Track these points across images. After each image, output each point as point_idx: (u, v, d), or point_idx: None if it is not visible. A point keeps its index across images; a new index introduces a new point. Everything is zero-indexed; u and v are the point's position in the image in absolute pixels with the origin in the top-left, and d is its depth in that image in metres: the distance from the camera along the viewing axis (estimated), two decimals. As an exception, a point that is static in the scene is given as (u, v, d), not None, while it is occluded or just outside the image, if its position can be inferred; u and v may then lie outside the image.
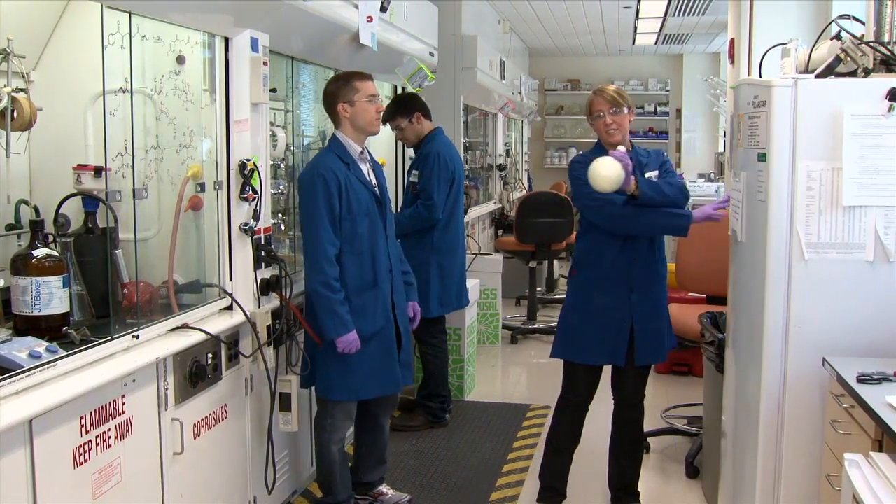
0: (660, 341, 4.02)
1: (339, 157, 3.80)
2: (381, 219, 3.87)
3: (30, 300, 2.84)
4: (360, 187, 3.80)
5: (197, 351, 3.21)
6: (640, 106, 14.11)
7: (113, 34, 2.98)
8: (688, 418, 5.28)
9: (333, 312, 3.67)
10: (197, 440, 3.25)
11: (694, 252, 5.28)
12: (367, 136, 3.91)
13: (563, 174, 13.85)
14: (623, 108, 3.91)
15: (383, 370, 3.87)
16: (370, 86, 3.83)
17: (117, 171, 3.19)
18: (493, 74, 8.56)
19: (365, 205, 3.79)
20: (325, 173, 3.71)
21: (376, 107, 3.84)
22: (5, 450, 2.28)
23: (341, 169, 3.75)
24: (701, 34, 11.73)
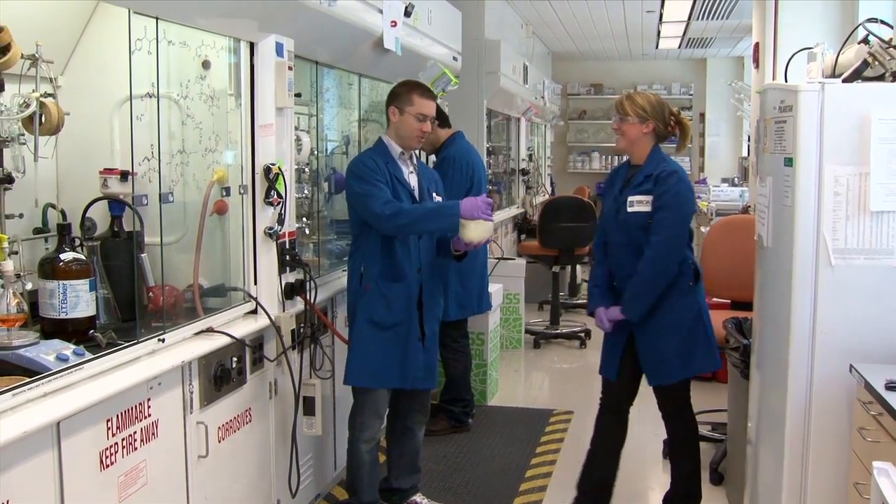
0: (661, 361, 3.87)
1: (379, 154, 3.90)
2: None
3: (57, 303, 2.87)
4: (399, 186, 3.87)
5: (222, 354, 3.23)
6: (664, 110, 14.03)
7: (140, 39, 3.01)
8: (712, 424, 5.25)
9: (428, 213, 3.83)
10: (221, 443, 3.27)
11: (718, 257, 5.25)
12: (406, 148, 3.95)
13: (586, 179, 13.85)
14: (627, 118, 3.83)
15: (400, 363, 3.85)
16: (426, 105, 3.91)
17: (144, 176, 3.22)
18: (516, 79, 8.56)
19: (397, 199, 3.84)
20: (368, 161, 3.86)
21: (421, 125, 3.90)
22: (34, 452, 2.30)
23: (381, 162, 3.86)
24: (725, 38, 11.67)
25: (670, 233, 3.73)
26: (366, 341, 3.81)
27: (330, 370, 3.95)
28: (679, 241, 3.80)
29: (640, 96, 3.91)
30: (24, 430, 2.22)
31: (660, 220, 3.73)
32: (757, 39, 7.34)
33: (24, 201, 3.12)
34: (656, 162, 3.84)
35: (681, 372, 3.90)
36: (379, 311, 3.82)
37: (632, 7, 9.68)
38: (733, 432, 4.30)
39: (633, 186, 3.82)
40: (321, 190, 4.54)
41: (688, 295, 3.86)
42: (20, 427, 2.22)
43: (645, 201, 3.77)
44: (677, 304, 3.83)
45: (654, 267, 3.74)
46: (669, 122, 3.90)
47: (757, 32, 7.41)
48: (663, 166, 3.81)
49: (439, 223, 3.81)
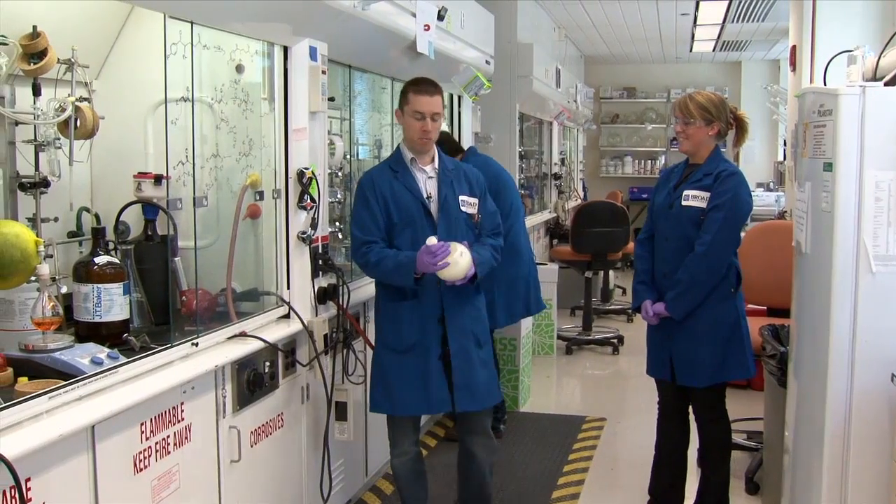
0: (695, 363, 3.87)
1: (389, 164, 3.71)
2: (431, 229, 3.58)
3: (91, 307, 2.90)
4: (405, 195, 3.63)
5: (255, 359, 3.24)
6: (698, 114, 13.94)
7: (175, 43, 3.03)
8: (747, 433, 5.20)
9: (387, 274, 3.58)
10: (254, 448, 3.29)
11: (754, 263, 5.20)
12: (415, 152, 3.68)
13: (618, 183, 13.79)
14: (692, 121, 3.82)
15: (422, 388, 3.60)
16: (420, 101, 3.60)
17: (178, 180, 3.24)
18: (548, 82, 8.55)
19: (407, 214, 3.60)
20: (366, 179, 3.70)
21: (421, 125, 3.60)
22: (69, 455, 2.33)
23: (385, 177, 3.65)
24: (760, 41, 11.59)
25: (724, 234, 3.73)
26: (383, 367, 3.65)
27: (362, 375, 3.96)
28: (731, 244, 3.81)
29: (703, 96, 3.87)
30: (60, 432, 2.25)
31: (714, 220, 3.72)
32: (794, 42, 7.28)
33: (59, 205, 3.16)
34: (717, 161, 3.84)
35: (711, 377, 3.88)
36: (388, 335, 3.66)
37: (666, 10, 9.64)
38: (770, 441, 4.26)
39: (691, 182, 3.83)
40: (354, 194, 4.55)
41: (728, 300, 3.85)
42: (56, 430, 2.25)
43: (701, 197, 3.76)
44: (717, 308, 3.82)
45: (703, 266, 3.74)
46: (730, 120, 3.90)
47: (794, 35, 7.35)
48: (724, 166, 3.83)
49: (400, 280, 3.55)
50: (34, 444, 2.17)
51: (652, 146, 14.30)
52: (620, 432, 5.73)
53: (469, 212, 3.71)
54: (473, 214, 3.73)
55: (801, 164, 3.50)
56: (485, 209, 3.79)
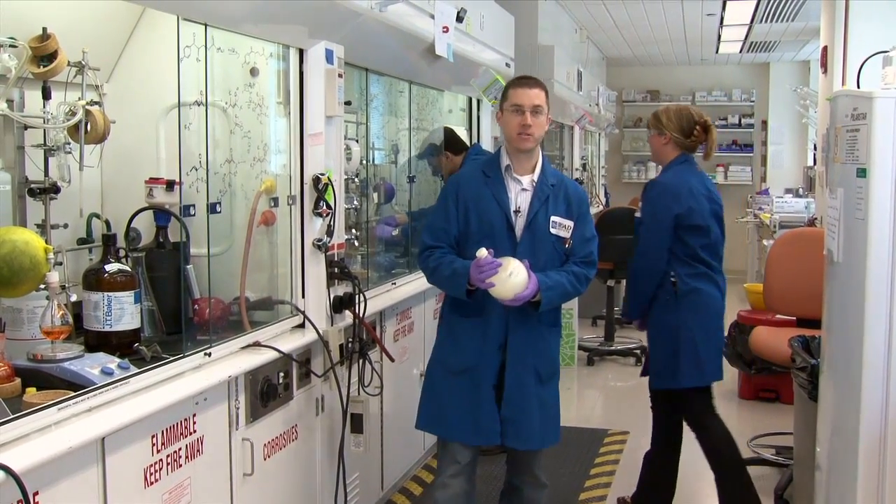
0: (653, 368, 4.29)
1: (482, 167, 3.58)
2: (510, 246, 3.43)
3: (101, 315, 2.90)
4: (491, 204, 3.47)
5: (269, 369, 3.24)
6: (724, 118, 13.92)
7: (188, 46, 3.04)
8: (776, 448, 5.17)
9: (442, 281, 3.51)
10: (267, 461, 3.28)
11: (783, 272, 5.18)
12: (515, 154, 3.51)
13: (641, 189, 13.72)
14: (650, 130, 4.28)
15: (472, 415, 3.47)
16: (519, 94, 3.46)
17: (191, 186, 3.25)
18: (569, 85, 8.53)
19: (488, 225, 3.45)
20: (450, 181, 3.66)
21: (520, 119, 3.43)
22: (78, 468, 2.33)
23: (474, 180, 3.53)
24: (789, 41, 11.52)
25: (644, 244, 4.18)
26: (437, 384, 3.56)
27: (379, 386, 3.95)
28: (651, 253, 4.13)
29: (664, 109, 4.25)
30: (70, 444, 2.24)
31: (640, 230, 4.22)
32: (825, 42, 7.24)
33: (69, 211, 3.17)
34: (663, 172, 4.24)
35: (668, 382, 4.19)
36: (446, 352, 3.57)
37: (691, 10, 9.60)
38: (800, 457, 4.23)
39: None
40: (370, 200, 4.55)
41: (668, 312, 4.12)
42: (65, 442, 2.24)
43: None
44: (657, 318, 4.19)
45: (631, 272, 4.28)
46: (694, 131, 4.15)
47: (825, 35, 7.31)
48: (660, 177, 4.23)
49: (454, 290, 3.46)
50: (42, 456, 2.16)
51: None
52: (644, 446, 5.63)
53: (560, 234, 3.50)
54: (565, 238, 3.51)
55: (832, 170, 3.48)
56: (580, 234, 3.54)
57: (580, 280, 3.51)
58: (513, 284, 3.29)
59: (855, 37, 6.39)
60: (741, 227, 11.78)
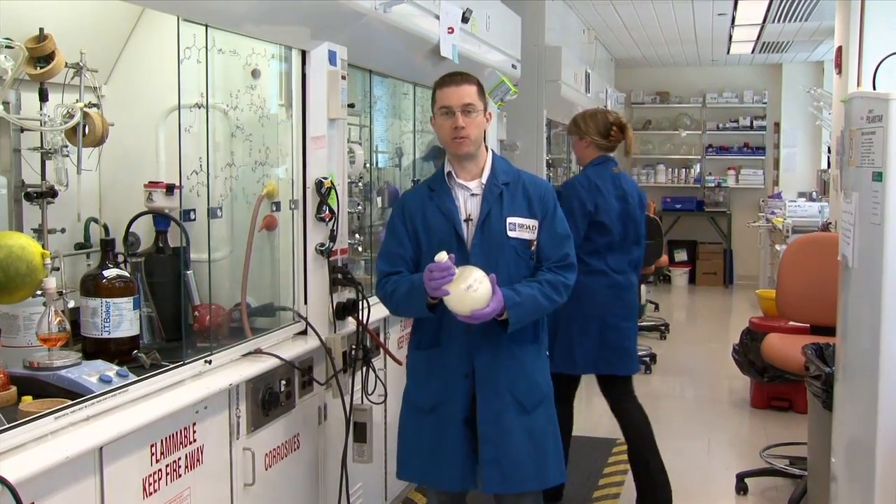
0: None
1: (428, 182, 3.34)
2: (461, 258, 3.09)
3: (99, 322, 2.91)
4: (437, 218, 3.20)
5: (270, 377, 3.24)
6: (735, 120, 13.91)
7: (189, 47, 3.04)
8: (790, 458, 5.15)
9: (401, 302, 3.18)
10: (268, 471, 3.28)
11: (796, 278, 5.17)
12: (455, 160, 3.24)
13: (651, 192, 13.71)
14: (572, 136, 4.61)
15: (440, 458, 3.20)
16: (446, 94, 3.16)
17: (192, 190, 3.25)
18: (577, 87, 8.53)
19: (437, 240, 3.16)
20: (396, 203, 3.42)
21: (451, 122, 3.14)
22: (75, 478, 2.32)
23: (418, 198, 3.27)
24: (803, 41, 11.51)
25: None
26: (409, 427, 3.31)
27: (383, 395, 3.94)
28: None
29: (580, 114, 4.61)
30: (67, 454, 2.24)
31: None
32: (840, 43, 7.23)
33: (67, 215, 3.18)
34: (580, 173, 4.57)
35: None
36: (410, 388, 3.32)
37: (702, 10, 9.60)
38: (814, 468, 4.21)
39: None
40: (374, 204, 4.55)
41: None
42: (62, 452, 2.24)
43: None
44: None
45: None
46: (611, 131, 4.51)
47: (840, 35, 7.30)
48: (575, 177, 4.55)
49: (415, 308, 3.15)
50: (39, 466, 2.16)
51: (686, 154, 14.22)
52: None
53: (522, 237, 3.17)
54: (529, 241, 3.18)
55: (847, 174, 3.47)
56: (548, 233, 3.20)
57: (557, 289, 3.16)
58: (471, 299, 2.97)
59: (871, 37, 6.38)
60: (753, 231, 11.78)
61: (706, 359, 8.63)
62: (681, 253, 13.61)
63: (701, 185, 14.02)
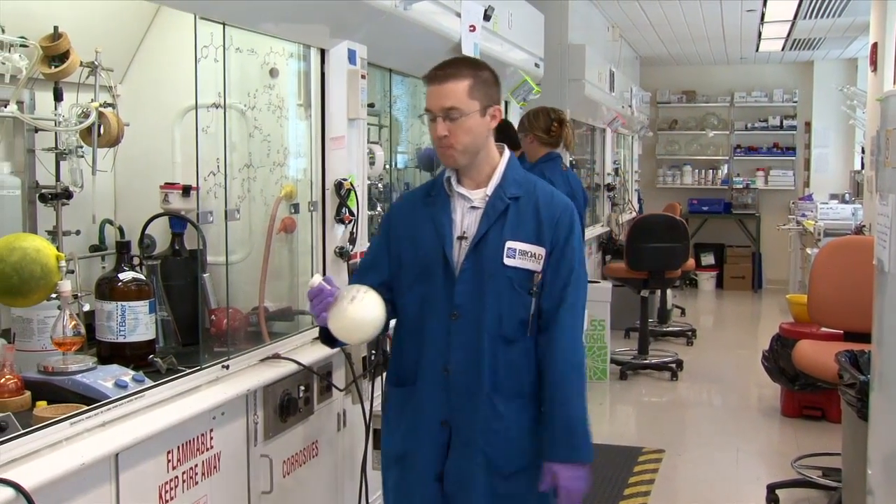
0: None
1: (427, 187, 2.89)
2: (445, 284, 2.68)
3: (115, 326, 2.92)
4: (427, 232, 2.73)
5: (289, 383, 3.24)
6: (764, 119, 13.86)
7: (206, 46, 3.06)
8: (823, 469, 5.12)
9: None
10: (286, 478, 3.28)
11: (829, 283, 5.15)
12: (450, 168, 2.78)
13: (677, 194, 13.71)
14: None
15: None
16: (428, 94, 2.72)
17: (209, 191, 3.26)
18: (601, 86, 8.53)
19: (423, 260, 2.72)
20: (390, 208, 3.11)
21: (435, 128, 2.67)
22: (91, 485, 2.34)
23: (410, 205, 2.86)
24: (835, 38, 11.45)
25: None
26: (385, 482, 2.90)
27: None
28: None
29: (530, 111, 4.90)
30: (83, 461, 2.25)
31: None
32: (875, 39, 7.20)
33: (81, 217, 3.21)
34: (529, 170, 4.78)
35: None
36: (383, 432, 2.90)
37: (730, 6, 9.57)
38: (849, 480, 4.19)
39: None
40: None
41: None
42: (78, 458, 2.25)
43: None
44: None
45: None
46: (552, 127, 4.81)
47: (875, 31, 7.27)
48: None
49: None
50: (54, 473, 2.17)
51: (713, 154, 14.18)
52: (681, 465, 5.67)
53: (521, 266, 2.67)
54: (532, 272, 2.68)
55: (883, 174, 3.45)
56: (553, 270, 2.69)
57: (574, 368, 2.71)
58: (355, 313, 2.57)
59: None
60: (782, 234, 11.72)
61: (734, 365, 8.60)
62: (708, 256, 13.55)
63: (729, 186, 13.98)
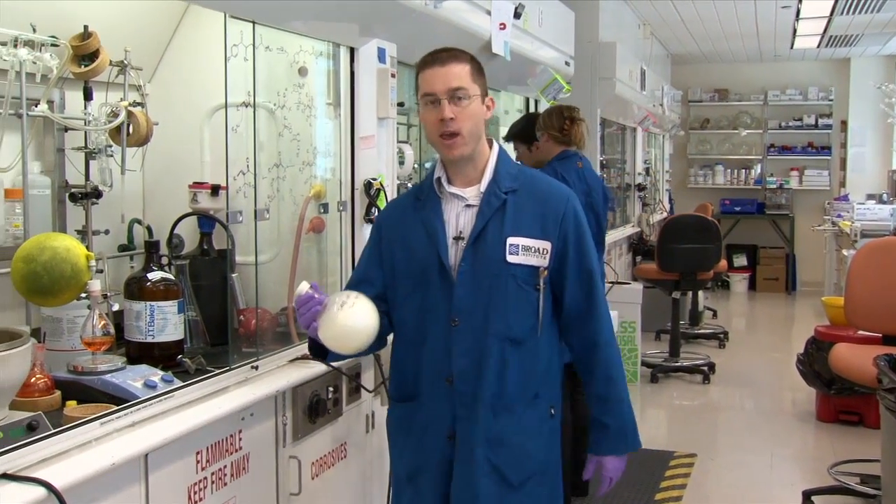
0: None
1: (415, 190, 2.77)
2: (444, 287, 2.57)
3: (143, 326, 2.95)
4: (419, 238, 2.62)
5: (317, 384, 3.25)
6: (799, 118, 13.75)
7: (236, 45, 3.08)
8: (861, 476, 5.08)
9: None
10: (315, 480, 3.30)
11: (867, 285, 5.11)
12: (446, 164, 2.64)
13: (708, 195, 13.65)
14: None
15: None
16: (429, 78, 2.56)
17: (238, 191, 3.28)
18: (632, 85, 8.51)
19: (418, 267, 2.61)
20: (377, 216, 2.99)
21: (436, 114, 2.53)
22: (120, 486, 2.36)
23: (400, 210, 2.74)
24: (874, 34, 11.34)
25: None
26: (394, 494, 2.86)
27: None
28: None
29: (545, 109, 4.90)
30: (113, 461, 2.27)
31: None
32: (913, 37, 7.13)
33: (110, 216, 3.24)
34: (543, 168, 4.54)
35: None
36: (392, 449, 2.82)
37: (764, 3, 9.51)
38: (889, 487, 4.15)
39: None
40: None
41: None
42: (108, 458, 2.27)
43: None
44: None
45: None
46: (564, 125, 4.79)
47: (913, 29, 7.20)
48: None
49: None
50: (85, 473, 2.19)
51: (746, 154, 14.09)
52: (713, 470, 5.65)
53: (525, 263, 2.56)
54: (537, 268, 2.57)
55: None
56: (575, 270, 2.61)
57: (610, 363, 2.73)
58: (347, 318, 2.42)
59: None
60: (817, 235, 11.63)
61: (767, 369, 8.55)
62: (740, 258, 13.48)
63: (762, 186, 13.89)
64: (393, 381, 2.78)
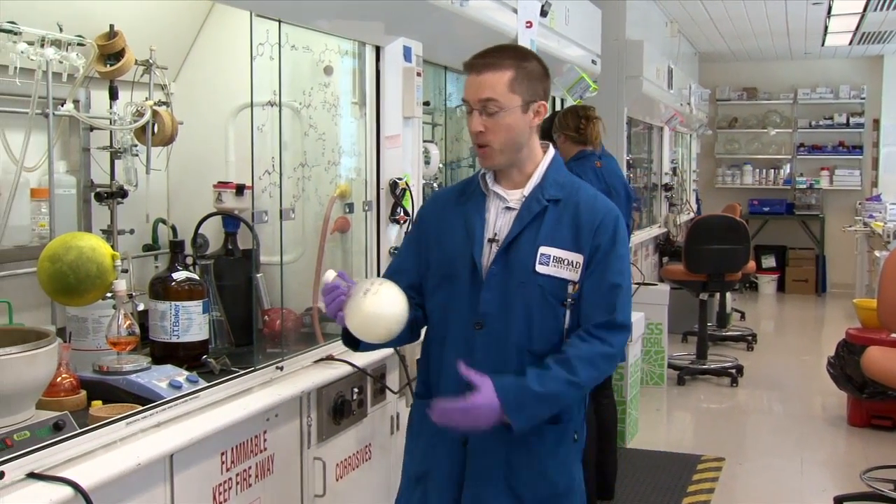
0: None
1: (463, 184, 2.74)
2: (470, 291, 2.51)
3: (168, 326, 2.96)
4: (456, 232, 2.57)
5: (342, 385, 3.26)
6: (830, 117, 13.65)
7: (261, 44, 3.09)
8: (895, 482, 5.04)
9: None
10: (339, 482, 3.31)
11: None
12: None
13: (736, 195, 13.58)
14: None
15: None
16: (466, 84, 2.53)
17: (264, 190, 3.30)
18: (659, 83, 8.48)
19: (448, 262, 2.56)
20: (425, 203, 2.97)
21: (471, 123, 2.50)
22: (146, 486, 2.38)
23: (442, 202, 2.69)
24: (907, 31, 11.26)
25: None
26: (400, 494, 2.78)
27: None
28: None
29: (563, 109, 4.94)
30: (138, 461, 2.29)
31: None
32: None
33: (135, 216, 3.27)
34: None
35: None
36: (405, 451, 2.77)
37: (795, 1, 9.45)
38: (919, 490, 4.13)
39: None
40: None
41: None
42: (134, 458, 2.29)
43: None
44: None
45: None
46: (580, 124, 4.82)
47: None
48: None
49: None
50: (110, 473, 2.21)
51: (775, 153, 14.00)
52: (741, 474, 5.62)
53: (555, 275, 2.48)
54: (567, 281, 2.48)
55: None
56: (596, 280, 2.48)
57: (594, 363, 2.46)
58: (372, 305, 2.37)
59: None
60: (848, 236, 11.57)
61: (797, 372, 8.50)
62: (769, 259, 13.40)
63: (791, 186, 13.79)
64: (420, 375, 2.72)
